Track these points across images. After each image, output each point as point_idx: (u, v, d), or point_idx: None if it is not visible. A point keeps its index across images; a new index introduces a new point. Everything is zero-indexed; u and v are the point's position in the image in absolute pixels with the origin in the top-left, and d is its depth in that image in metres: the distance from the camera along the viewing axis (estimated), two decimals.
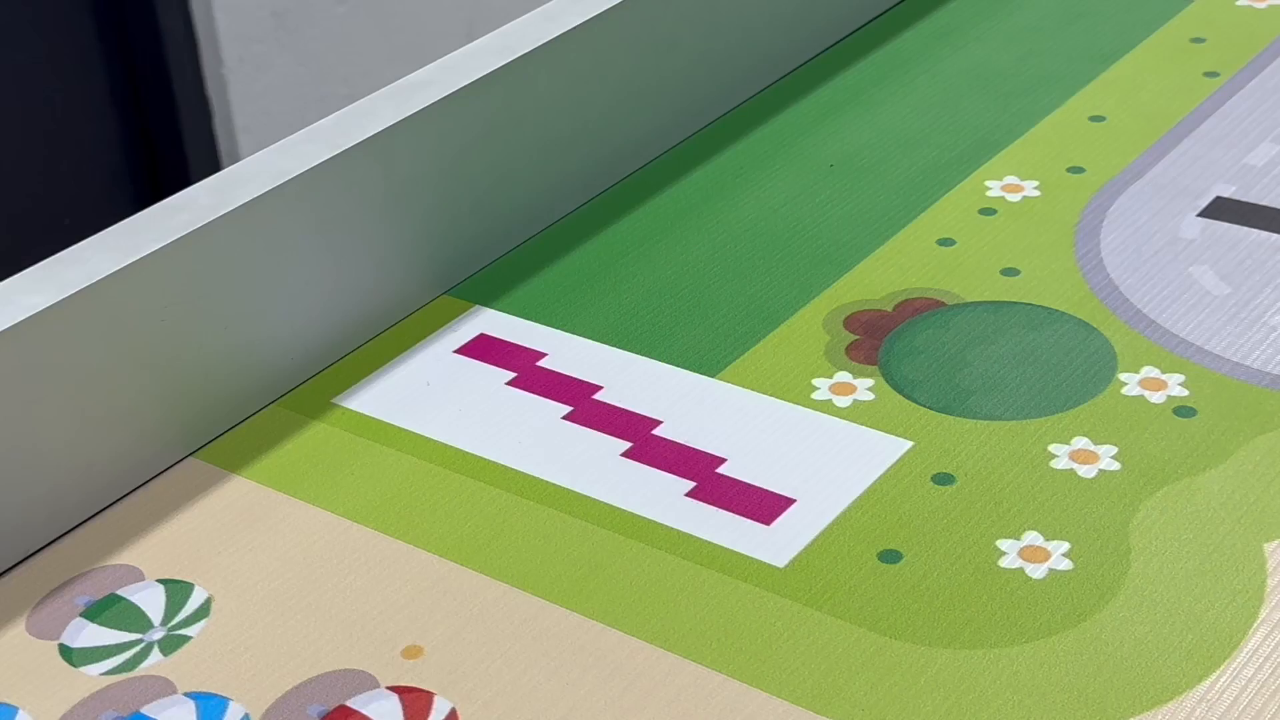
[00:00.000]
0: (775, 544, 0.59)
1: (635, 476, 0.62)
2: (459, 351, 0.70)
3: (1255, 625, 0.54)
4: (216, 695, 0.55)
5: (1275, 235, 0.73)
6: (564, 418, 0.66)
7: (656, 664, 0.54)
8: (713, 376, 0.67)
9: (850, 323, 0.70)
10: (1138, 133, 0.81)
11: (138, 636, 0.57)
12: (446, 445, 0.65)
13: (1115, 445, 0.62)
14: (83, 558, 0.61)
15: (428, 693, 0.54)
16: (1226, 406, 0.63)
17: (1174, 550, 0.57)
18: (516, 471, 0.63)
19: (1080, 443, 0.62)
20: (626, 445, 0.64)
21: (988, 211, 0.77)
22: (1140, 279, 0.71)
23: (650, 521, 0.60)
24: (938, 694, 0.52)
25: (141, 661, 0.56)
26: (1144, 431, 0.62)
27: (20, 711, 0.54)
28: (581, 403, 0.66)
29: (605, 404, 0.66)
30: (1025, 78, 0.87)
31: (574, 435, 0.65)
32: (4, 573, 0.61)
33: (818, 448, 0.63)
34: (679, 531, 0.60)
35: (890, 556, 0.58)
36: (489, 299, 0.73)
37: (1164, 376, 0.65)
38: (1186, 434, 0.62)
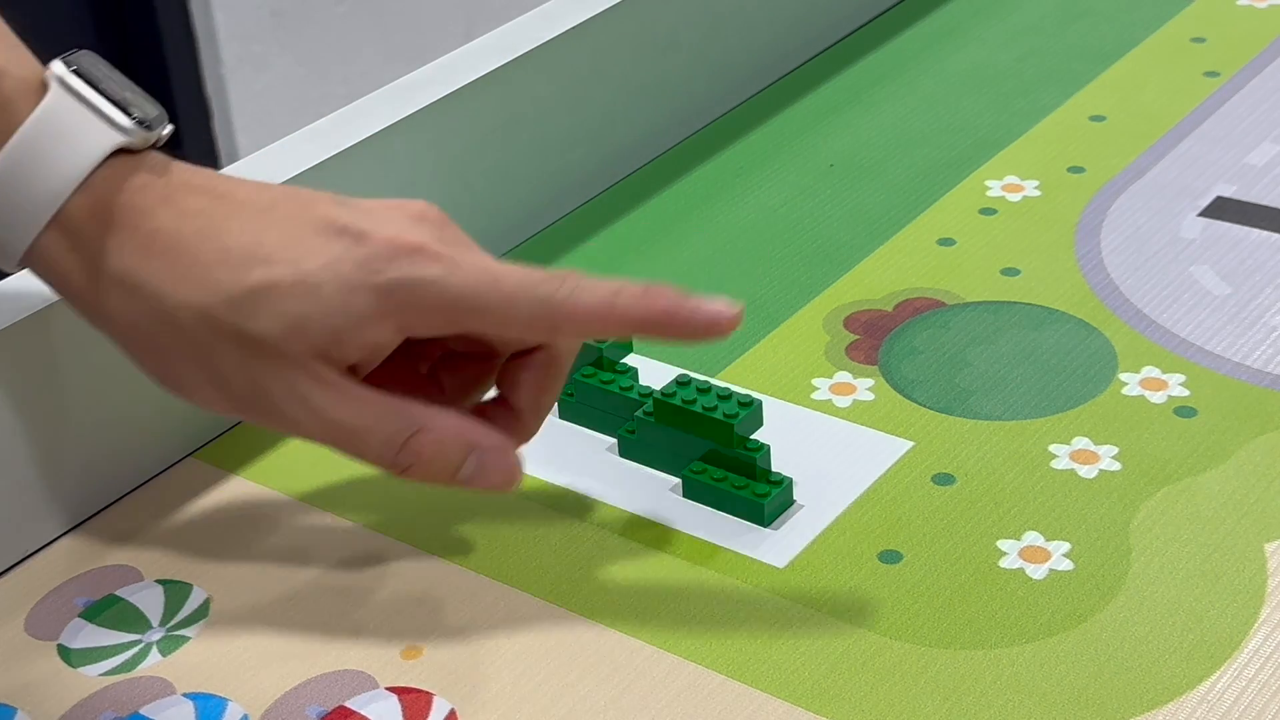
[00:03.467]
0: (775, 544, 0.59)
1: (634, 476, 0.62)
2: None
3: (1256, 625, 0.54)
4: (215, 695, 0.54)
5: (1276, 235, 0.73)
6: (563, 417, 0.66)
7: (656, 664, 0.54)
8: (713, 376, 0.67)
9: (850, 323, 0.70)
10: (1138, 133, 0.81)
11: (136, 637, 0.57)
12: None
13: (1115, 445, 0.62)
14: (82, 558, 0.61)
15: (427, 693, 0.54)
16: (1227, 406, 0.63)
17: (1174, 550, 0.57)
18: None
19: (1080, 443, 0.62)
20: None
21: (988, 211, 0.77)
22: (1140, 279, 0.71)
23: (650, 521, 0.60)
24: (938, 694, 0.52)
25: (140, 662, 0.56)
26: (1144, 431, 0.62)
27: (20, 712, 0.54)
28: None
29: None
30: (1025, 78, 0.87)
31: (574, 435, 0.65)
32: (4, 572, 0.60)
33: (818, 448, 0.63)
34: (679, 532, 0.60)
35: (890, 556, 0.58)
36: None
37: (1164, 376, 0.65)
38: (1187, 434, 0.62)
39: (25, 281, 0.61)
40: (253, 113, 2.03)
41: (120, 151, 0.54)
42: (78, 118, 0.53)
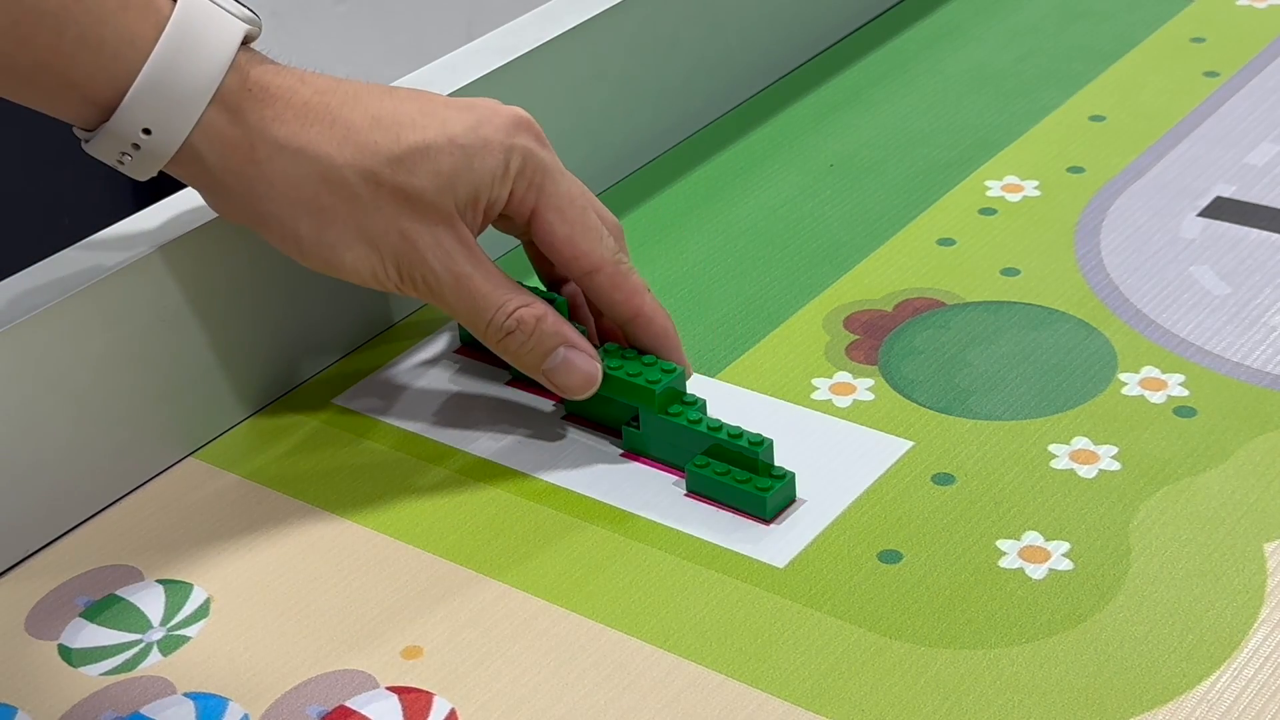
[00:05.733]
0: (775, 544, 0.59)
1: (635, 476, 0.62)
2: (459, 351, 0.70)
3: (1255, 625, 0.54)
4: (216, 695, 0.54)
5: (1275, 235, 0.73)
6: (564, 417, 0.66)
7: (656, 664, 0.54)
8: (713, 376, 0.67)
9: (850, 323, 0.70)
10: (1138, 133, 0.81)
11: (137, 637, 0.57)
12: (445, 445, 0.65)
13: (1115, 445, 0.62)
14: (83, 558, 0.61)
15: (427, 693, 0.54)
16: (1226, 406, 0.63)
17: (1174, 550, 0.57)
18: (516, 471, 0.63)
19: (1080, 443, 0.62)
20: None
21: (988, 211, 0.77)
22: (1140, 279, 0.71)
23: (650, 521, 0.60)
24: (938, 694, 0.52)
25: (141, 662, 0.56)
26: (1144, 431, 0.62)
27: (20, 712, 0.54)
28: None
29: None
30: (1025, 78, 0.87)
31: (574, 435, 0.65)
32: (4, 573, 0.60)
33: (818, 448, 0.63)
34: (679, 531, 0.60)
35: (890, 556, 0.58)
36: None
37: (1164, 376, 0.65)
38: (1186, 434, 0.62)
39: (26, 282, 0.62)
40: None
41: (243, 43, 0.59)
42: (211, 10, 0.58)
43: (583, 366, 0.62)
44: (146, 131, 0.57)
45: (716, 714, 0.52)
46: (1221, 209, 0.75)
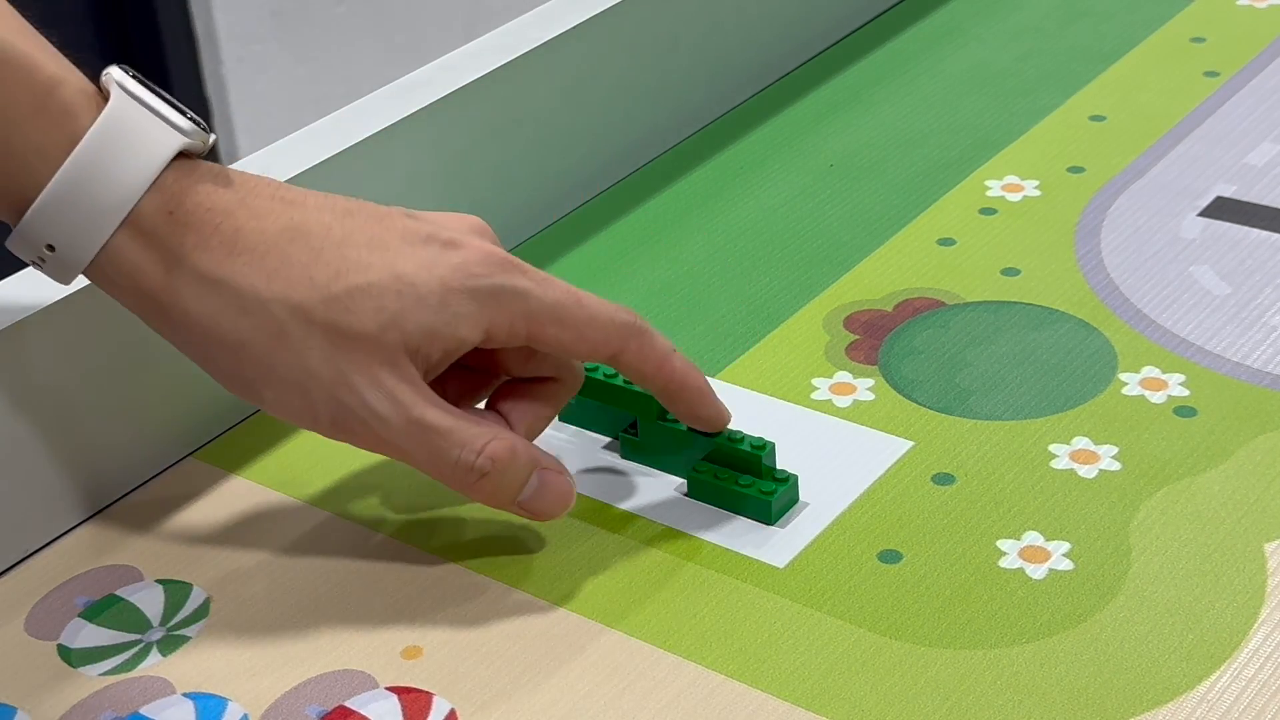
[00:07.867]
0: (775, 544, 0.59)
1: (635, 477, 0.62)
2: None
3: (1256, 625, 0.54)
4: (215, 695, 0.54)
5: (1276, 235, 0.73)
6: (563, 418, 0.66)
7: (656, 664, 0.54)
8: (713, 376, 0.67)
9: (850, 323, 0.70)
10: (1138, 133, 0.81)
11: (136, 637, 0.57)
12: None
13: (1115, 445, 0.62)
14: (82, 558, 0.61)
15: (427, 693, 0.54)
16: (1227, 406, 0.63)
17: (1174, 550, 0.57)
18: None
19: (1080, 443, 0.62)
20: None
21: (988, 211, 0.77)
22: (1140, 279, 0.71)
23: (649, 521, 0.60)
24: (938, 694, 0.52)
25: (140, 662, 0.56)
26: (1144, 431, 0.62)
27: (19, 711, 0.54)
28: None
29: None
30: (1025, 78, 0.87)
31: (573, 435, 0.65)
32: (4, 572, 0.60)
33: (818, 448, 0.63)
34: (679, 532, 0.60)
35: (890, 556, 0.58)
36: None
37: (1164, 376, 0.65)
38: (1187, 434, 0.62)
39: (23, 283, 0.61)
40: (253, 113, 2.03)
41: (180, 155, 0.55)
42: (142, 121, 0.54)
43: (558, 487, 0.57)
44: (50, 248, 0.54)
45: (716, 714, 0.52)
46: (1221, 209, 0.75)
